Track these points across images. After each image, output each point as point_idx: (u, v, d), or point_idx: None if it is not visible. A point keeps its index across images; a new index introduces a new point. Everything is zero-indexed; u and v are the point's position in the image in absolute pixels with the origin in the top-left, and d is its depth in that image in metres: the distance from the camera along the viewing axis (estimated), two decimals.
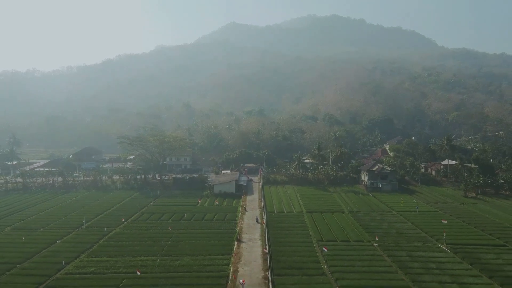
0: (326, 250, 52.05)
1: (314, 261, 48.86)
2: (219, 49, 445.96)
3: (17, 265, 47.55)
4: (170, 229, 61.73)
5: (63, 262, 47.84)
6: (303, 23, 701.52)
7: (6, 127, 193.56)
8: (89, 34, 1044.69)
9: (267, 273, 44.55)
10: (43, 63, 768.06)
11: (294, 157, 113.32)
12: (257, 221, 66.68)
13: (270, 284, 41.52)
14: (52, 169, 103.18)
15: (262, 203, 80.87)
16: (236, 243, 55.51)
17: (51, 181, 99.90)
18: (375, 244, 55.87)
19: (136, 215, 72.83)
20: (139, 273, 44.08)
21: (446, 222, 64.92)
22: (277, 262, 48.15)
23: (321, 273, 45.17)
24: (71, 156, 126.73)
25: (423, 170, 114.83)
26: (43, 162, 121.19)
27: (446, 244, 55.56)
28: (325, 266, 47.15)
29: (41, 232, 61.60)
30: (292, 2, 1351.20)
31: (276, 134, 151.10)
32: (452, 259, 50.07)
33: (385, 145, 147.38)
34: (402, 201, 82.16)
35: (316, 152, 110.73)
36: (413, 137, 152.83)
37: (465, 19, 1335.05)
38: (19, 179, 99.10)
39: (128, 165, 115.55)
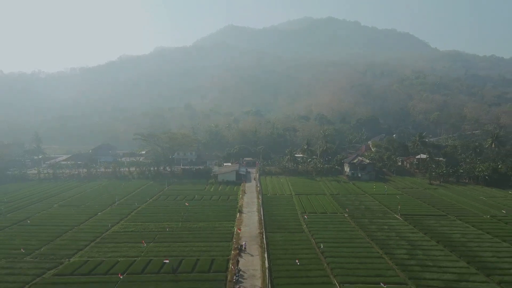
0: (306, 217, 68.54)
1: (297, 224, 65.15)
2: (217, 52, 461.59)
3: (75, 227, 63.50)
4: (187, 204, 78.02)
5: (109, 225, 63.95)
6: (299, 25, 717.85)
7: (21, 127, 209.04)
8: (89, 36, 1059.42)
9: (262, 230, 60.82)
10: (44, 64, 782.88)
11: (286, 151, 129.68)
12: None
13: (264, 237, 57.66)
14: (78, 162, 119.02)
15: (259, 188, 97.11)
16: (238, 214, 71.71)
17: (76, 172, 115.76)
18: (346, 215, 72.13)
19: (155, 196, 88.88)
20: (168, 230, 60.42)
21: (399, 197, 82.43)
22: (269, 225, 64.38)
23: (301, 231, 61.44)
24: (90, 151, 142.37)
25: (400, 163, 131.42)
26: (65, 156, 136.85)
27: (401, 214, 71.93)
28: (305, 227, 63.51)
29: (83, 208, 77.49)
30: (289, 5, 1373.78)
31: (272, 132, 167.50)
32: (401, 223, 66.47)
33: (369, 142, 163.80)
34: (374, 187, 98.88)
35: (305, 147, 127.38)
36: (394, 135, 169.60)
37: (459, 21, 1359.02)
38: (49, 170, 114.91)
39: (141, 158, 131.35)
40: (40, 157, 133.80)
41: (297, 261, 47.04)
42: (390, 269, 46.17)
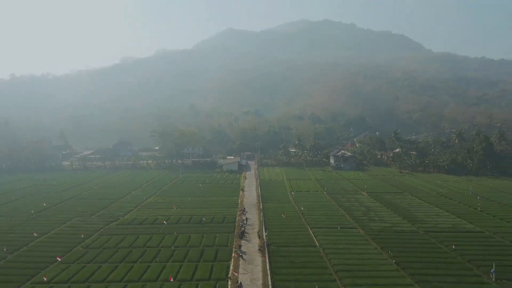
0: (293, 193, 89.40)
1: (286, 198, 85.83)
2: (218, 54, 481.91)
3: (118, 200, 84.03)
4: (200, 185, 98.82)
5: (144, 198, 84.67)
6: (297, 27, 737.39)
7: (40, 126, 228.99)
8: (92, 39, 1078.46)
9: (259, 200, 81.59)
10: (48, 67, 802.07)
11: (280, 146, 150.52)
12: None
13: (261, 204, 78.35)
14: (103, 156, 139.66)
15: (257, 175, 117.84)
16: (241, 191, 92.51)
17: (102, 164, 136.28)
18: (324, 192, 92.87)
19: (173, 181, 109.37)
20: (190, 200, 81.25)
21: (362, 175, 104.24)
22: (264, 198, 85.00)
23: (288, 202, 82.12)
24: (111, 146, 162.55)
25: (379, 156, 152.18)
26: (89, 151, 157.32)
27: (367, 192, 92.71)
28: (291, 199, 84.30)
29: (119, 188, 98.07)
30: (286, 8, 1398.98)
31: (269, 130, 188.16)
32: (365, 197, 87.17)
33: (355, 139, 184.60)
34: (352, 174, 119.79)
35: (297, 142, 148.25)
36: (377, 133, 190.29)
37: (452, 23, 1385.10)
38: (80, 162, 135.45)
39: (156, 153, 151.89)
40: (67, 152, 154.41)
41: (283, 215, 67.94)
42: (347, 221, 66.82)
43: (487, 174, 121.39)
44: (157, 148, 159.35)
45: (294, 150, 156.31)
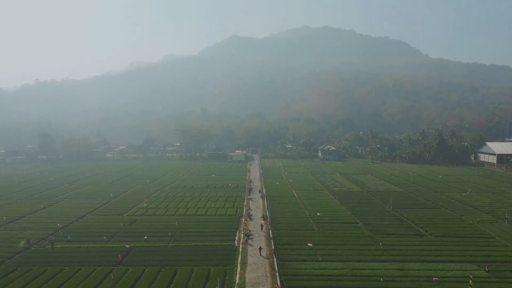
0: (285, 174, 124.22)
1: (280, 176, 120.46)
2: (223, 62, 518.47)
3: (162, 176, 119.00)
4: (217, 170, 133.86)
5: (180, 175, 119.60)
6: (298, 33, 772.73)
7: (71, 127, 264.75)
8: (102, 44, 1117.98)
9: (261, 177, 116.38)
10: (60, 73, 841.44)
11: (279, 142, 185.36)
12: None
13: (262, 178, 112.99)
14: (136, 150, 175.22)
15: (260, 163, 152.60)
16: (248, 172, 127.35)
17: (137, 156, 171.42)
18: (309, 174, 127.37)
19: (195, 168, 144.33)
20: (213, 176, 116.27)
21: (339, 163, 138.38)
22: (265, 175, 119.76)
23: (282, 178, 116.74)
24: (141, 142, 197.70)
25: (359, 151, 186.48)
26: (123, 146, 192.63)
27: (339, 173, 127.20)
28: (284, 177, 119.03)
29: (157, 171, 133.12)
30: (288, 15, 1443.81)
31: (269, 130, 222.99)
32: (337, 176, 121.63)
33: (342, 137, 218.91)
34: (333, 163, 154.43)
35: (292, 139, 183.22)
36: (360, 132, 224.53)
37: (449, 29, 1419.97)
38: (120, 154, 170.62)
39: (178, 148, 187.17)
40: (105, 147, 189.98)
41: (277, 183, 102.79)
42: (319, 187, 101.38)
43: (439, 163, 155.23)
44: (178, 144, 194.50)
45: (289, 146, 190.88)
